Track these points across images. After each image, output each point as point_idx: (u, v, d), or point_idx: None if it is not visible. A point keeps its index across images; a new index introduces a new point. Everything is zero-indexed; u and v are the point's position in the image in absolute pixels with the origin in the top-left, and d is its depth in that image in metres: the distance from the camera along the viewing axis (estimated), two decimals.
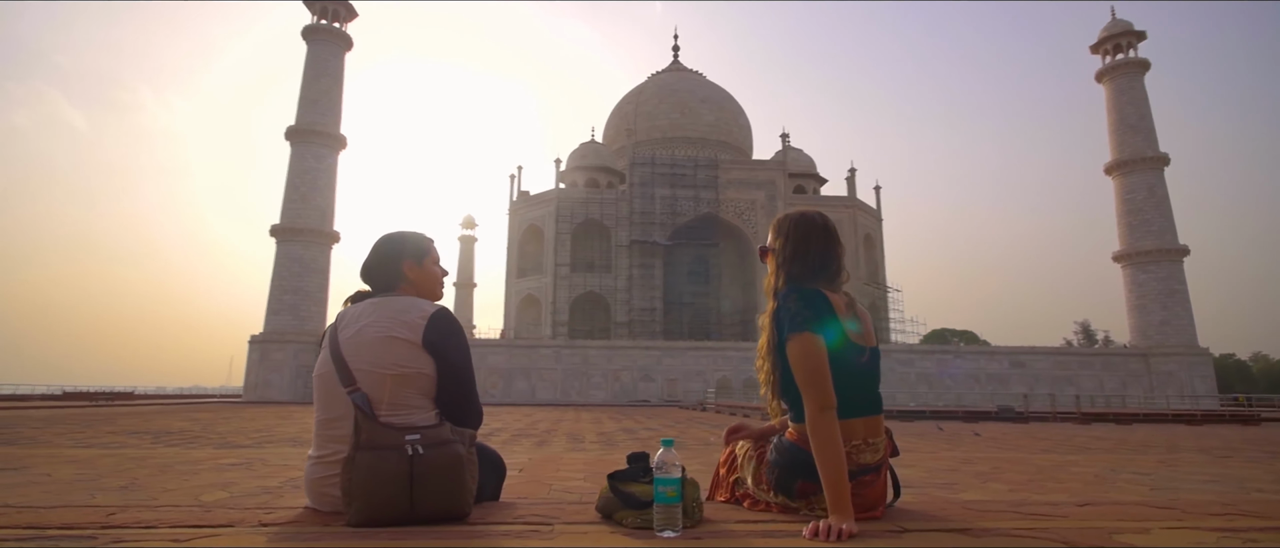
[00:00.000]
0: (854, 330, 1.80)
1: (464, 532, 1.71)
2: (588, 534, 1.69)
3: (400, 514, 1.71)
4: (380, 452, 1.74)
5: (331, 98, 35.59)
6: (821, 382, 1.69)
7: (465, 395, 1.96)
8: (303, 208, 33.69)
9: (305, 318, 32.90)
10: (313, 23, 36.07)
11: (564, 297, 43.28)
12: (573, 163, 48.97)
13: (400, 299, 1.96)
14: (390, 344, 1.84)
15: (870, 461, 1.78)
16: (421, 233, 2.11)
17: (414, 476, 1.72)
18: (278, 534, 1.73)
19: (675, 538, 1.59)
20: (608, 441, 9.23)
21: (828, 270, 1.87)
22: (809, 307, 1.75)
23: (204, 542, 1.61)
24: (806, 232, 1.90)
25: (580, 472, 5.22)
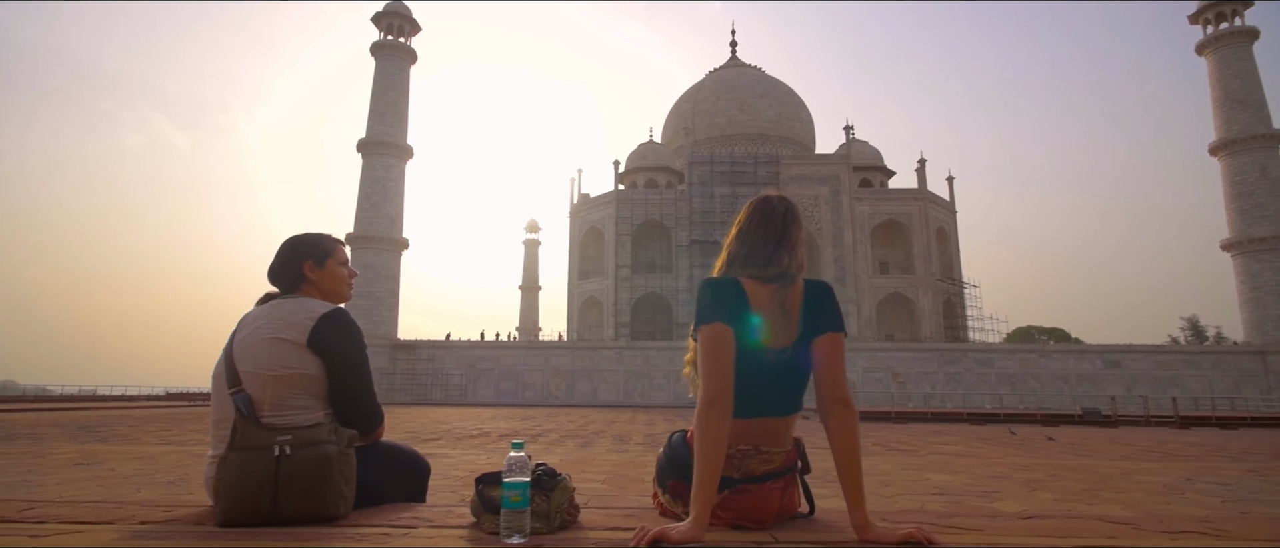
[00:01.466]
0: (766, 325, 1.62)
1: (313, 533, 1.68)
2: (435, 539, 1.63)
3: (263, 515, 1.72)
4: (249, 452, 1.77)
5: (398, 110, 37.11)
6: (713, 374, 1.57)
7: (353, 397, 1.94)
8: (374, 216, 35.29)
9: (378, 322, 34.41)
10: (380, 40, 37.75)
11: (625, 298, 43.44)
12: (631, 164, 49.12)
13: (295, 300, 1.98)
14: (275, 345, 1.86)
15: (757, 470, 1.62)
16: (327, 235, 2.13)
17: (279, 476, 1.73)
18: (141, 532, 1.73)
19: (522, 544, 1.53)
20: (653, 442, 9.10)
21: (756, 258, 1.70)
22: (717, 298, 1.63)
23: (61, 539, 1.64)
24: (753, 217, 1.76)
25: (605, 474, 5.10)
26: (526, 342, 40.15)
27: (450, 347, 35.86)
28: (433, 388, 34.69)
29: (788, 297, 1.65)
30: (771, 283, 1.65)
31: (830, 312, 1.64)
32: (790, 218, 1.74)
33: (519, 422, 15.28)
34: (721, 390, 1.56)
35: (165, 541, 1.67)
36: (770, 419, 1.65)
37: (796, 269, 1.70)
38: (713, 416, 1.55)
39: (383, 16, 37.74)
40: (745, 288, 1.64)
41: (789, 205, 1.77)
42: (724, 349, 1.57)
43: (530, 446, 8.38)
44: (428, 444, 8.67)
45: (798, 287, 1.67)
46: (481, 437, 10.22)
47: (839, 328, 1.64)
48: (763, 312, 1.63)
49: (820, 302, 1.65)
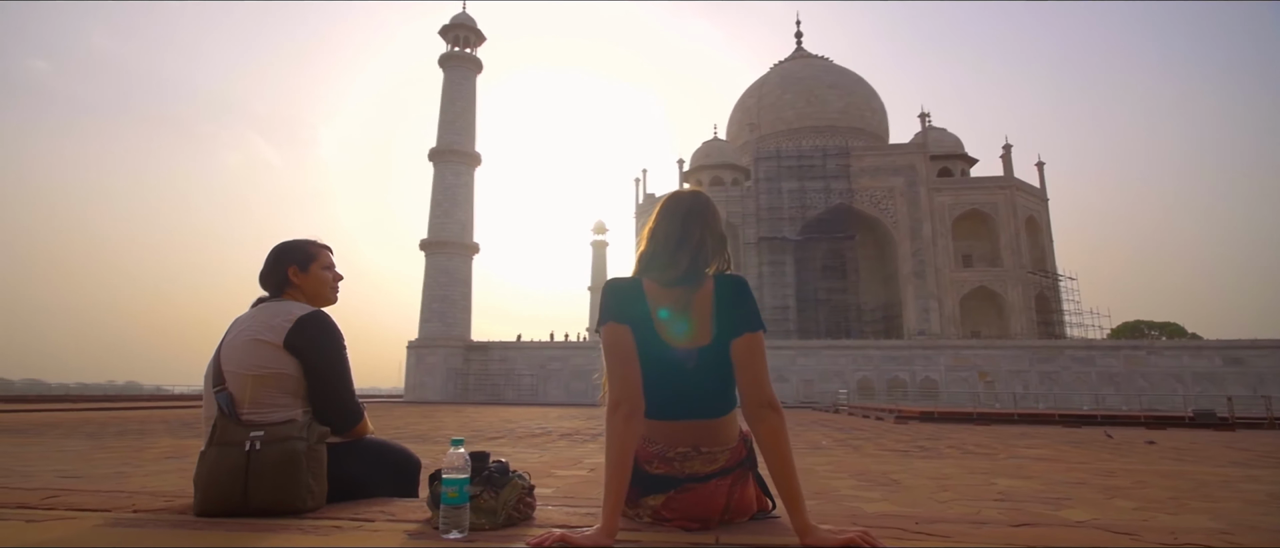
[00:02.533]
0: (669, 325, 1.57)
1: (272, 524, 1.76)
2: (382, 532, 1.67)
3: (234, 506, 1.82)
4: (225, 447, 1.87)
5: (466, 119, 38.33)
6: (614, 376, 1.55)
7: (329, 395, 2.02)
8: (445, 222, 36.57)
9: (453, 324, 35.64)
10: (448, 52, 39.11)
11: None
12: (696, 162, 48.74)
13: (278, 304, 2.07)
14: (254, 347, 1.96)
15: (700, 470, 1.59)
16: (313, 240, 2.21)
17: (249, 470, 1.82)
18: (122, 520, 1.84)
19: (460, 539, 1.56)
20: None
21: (658, 261, 1.65)
22: (615, 298, 1.61)
23: (51, 522, 1.80)
24: (657, 217, 1.71)
25: None
26: (593, 341, 40.51)
27: (521, 348, 36.69)
28: (505, 388, 35.60)
29: (695, 298, 1.58)
30: (675, 286, 1.60)
31: (745, 311, 1.56)
32: (693, 216, 1.67)
33: (583, 421, 15.37)
34: (624, 392, 1.53)
35: (141, 528, 1.76)
36: (704, 421, 1.60)
37: (700, 269, 1.63)
38: (615, 418, 1.53)
39: (450, 29, 39.10)
40: (646, 289, 1.60)
41: (693, 202, 1.70)
42: (622, 349, 1.55)
43: (582, 446, 8.37)
44: (490, 442, 8.80)
45: (706, 287, 1.60)
46: (542, 436, 10.30)
47: (756, 327, 1.56)
48: (670, 312, 1.58)
49: (734, 300, 1.58)
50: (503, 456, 3.28)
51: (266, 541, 1.65)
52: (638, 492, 1.64)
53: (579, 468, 5.90)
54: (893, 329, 41.90)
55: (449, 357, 35.02)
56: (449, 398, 34.30)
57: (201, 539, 1.67)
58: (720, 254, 1.69)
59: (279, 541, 1.64)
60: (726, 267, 1.69)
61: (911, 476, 4.29)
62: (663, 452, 1.63)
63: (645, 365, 1.57)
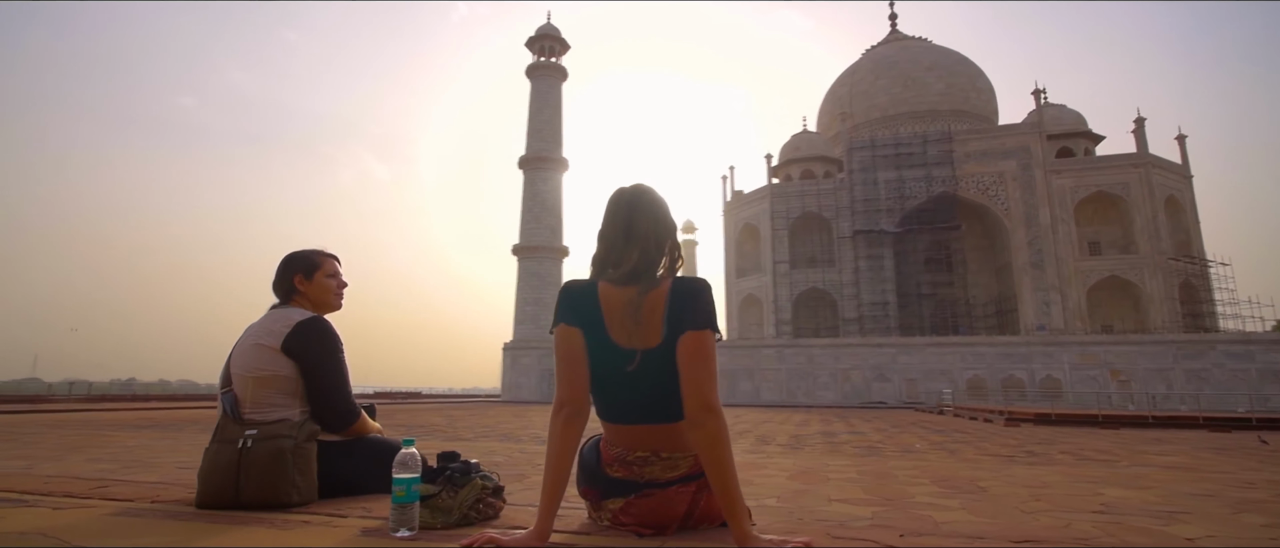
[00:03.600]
0: (620, 328, 1.53)
1: (251, 517, 1.85)
2: (339, 531, 1.69)
3: (227, 499, 1.94)
4: (222, 444, 2.01)
5: (553, 126, 39.38)
6: (560, 378, 1.54)
7: (324, 395, 2.12)
8: (536, 227, 37.73)
9: (545, 327, 36.55)
10: (534, 62, 40.36)
11: (785, 295, 41.95)
12: (785, 156, 47.43)
13: (282, 310, 2.20)
14: (256, 351, 2.08)
15: (660, 476, 1.55)
16: (319, 250, 2.32)
17: (241, 466, 1.94)
18: (132, 510, 2.00)
19: (409, 537, 1.59)
20: (797, 444, 8.43)
21: (611, 259, 1.62)
22: (566, 300, 1.58)
23: (79, 509, 2.01)
24: (605, 216, 1.68)
25: None
26: None
27: None
28: None
29: (647, 299, 1.53)
30: (628, 285, 1.55)
31: (696, 310, 1.51)
32: (638, 211, 1.62)
33: None
34: (567, 394, 1.52)
35: (140, 518, 1.91)
36: (661, 426, 1.56)
37: (651, 265, 1.58)
38: (557, 421, 1.52)
39: (536, 40, 40.33)
40: (600, 291, 1.56)
41: (635, 196, 1.65)
42: (569, 351, 1.52)
43: None
44: None
45: (662, 289, 1.54)
46: None
47: (703, 326, 1.50)
48: (615, 314, 1.53)
49: (686, 300, 1.52)
50: None
51: (231, 533, 1.71)
52: (599, 495, 1.63)
53: None
54: (1007, 324, 38.77)
55: (542, 358, 36.04)
56: (544, 398, 35.28)
57: (176, 530, 1.76)
58: (670, 245, 1.62)
59: (241, 534, 1.69)
60: (678, 258, 1.64)
61: (1004, 483, 3.81)
62: (622, 456, 1.59)
63: (597, 368, 1.55)
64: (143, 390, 44.69)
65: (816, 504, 3.04)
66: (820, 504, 3.04)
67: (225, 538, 1.65)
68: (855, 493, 3.47)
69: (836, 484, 3.85)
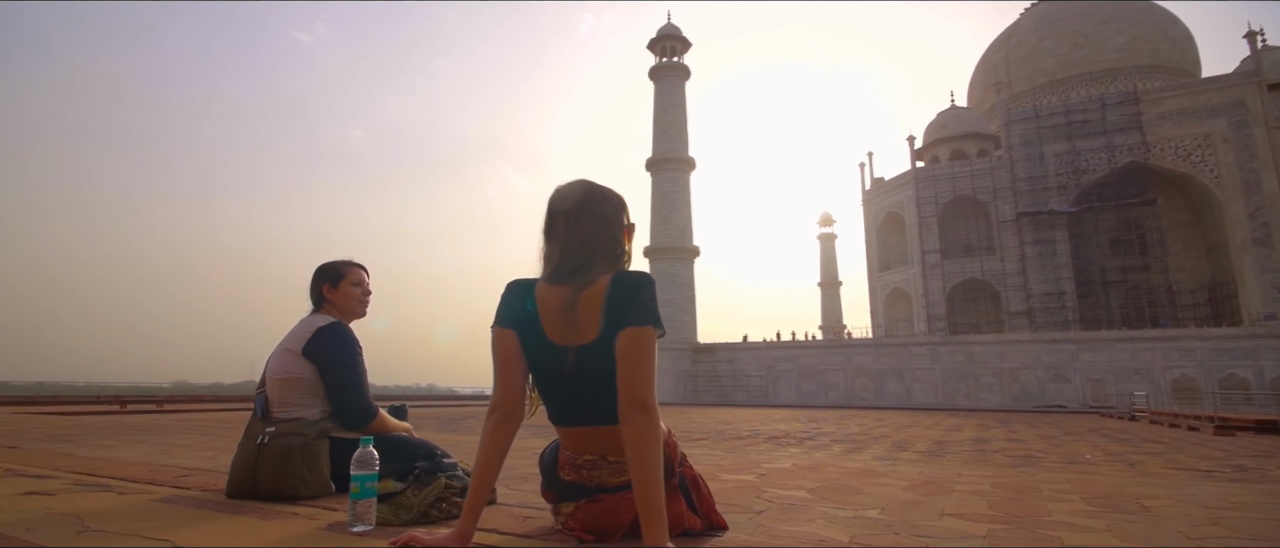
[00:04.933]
0: (555, 327, 1.48)
1: (251, 507, 2.03)
2: (307, 522, 1.78)
3: (246, 490, 2.15)
4: (247, 440, 2.22)
5: (678, 126, 39.22)
6: (495, 380, 1.51)
7: (340, 396, 2.26)
8: (665, 228, 37.73)
9: (678, 327, 36.51)
10: (656, 64, 40.48)
11: (937, 287, 38.50)
12: (931, 136, 43.63)
13: (311, 317, 2.37)
14: (283, 354, 2.27)
15: (609, 481, 1.53)
16: (347, 261, 2.47)
17: (258, 461, 2.13)
18: (174, 497, 2.22)
19: (366, 531, 1.63)
20: (937, 452, 7.42)
21: (550, 257, 1.57)
22: (504, 301, 1.55)
23: (135, 494, 2.26)
24: (547, 211, 1.62)
25: (818, 484, 4.25)
26: (826, 341, 38.40)
27: (748, 348, 36.20)
28: (734, 390, 35.41)
29: (584, 295, 1.47)
30: (564, 283, 1.51)
31: (635, 305, 1.44)
32: (576, 207, 1.57)
33: (803, 424, 14.37)
34: (500, 397, 1.50)
35: (172, 504, 2.11)
36: (604, 428, 1.50)
37: (589, 262, 1.51)
38: (488, 422, 1.51)
39: (657, 41, 40.49)
40: (537, 290, 1.53)
41: (574, 192, 1.59)
42: (501, 352, 1.50)
43: (779, 450, 7.61)
44: (692, 443, 8.45)
45: (599, 284, 1.48)
46: (748, 438, 9.69)
47: (643, 322, 1.42)
48: (550, 313, 1.49)
49: (625, 295, 1.45)
50: (697, 457, 3.40)
51: (221, 521, 1.86)
52: (556, 498, 1.62)
53: (748, 473, 5.26)
54: (1224, 313, 32.63)
55: (677, 359, 35.96)
56: (679, 400, 35.20)
57: (185, 516, 1.92)
58: (612, 242, 1.55)
59: (228, 522, 1.85)
60: (624, 255, 1.57)
61: (1177, 503, 3.23)
62: (572, 459, 1.57)
63: (537, 370, 1.52)
64: None
65: (923, 518, 2.69)
66: (928, 519, 2.69)
67: (214, 525, 1.80)
68: (977, 508, 3.06)
69: (960, 497, 3.44)
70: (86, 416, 11.27)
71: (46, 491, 2.28)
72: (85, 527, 1.71)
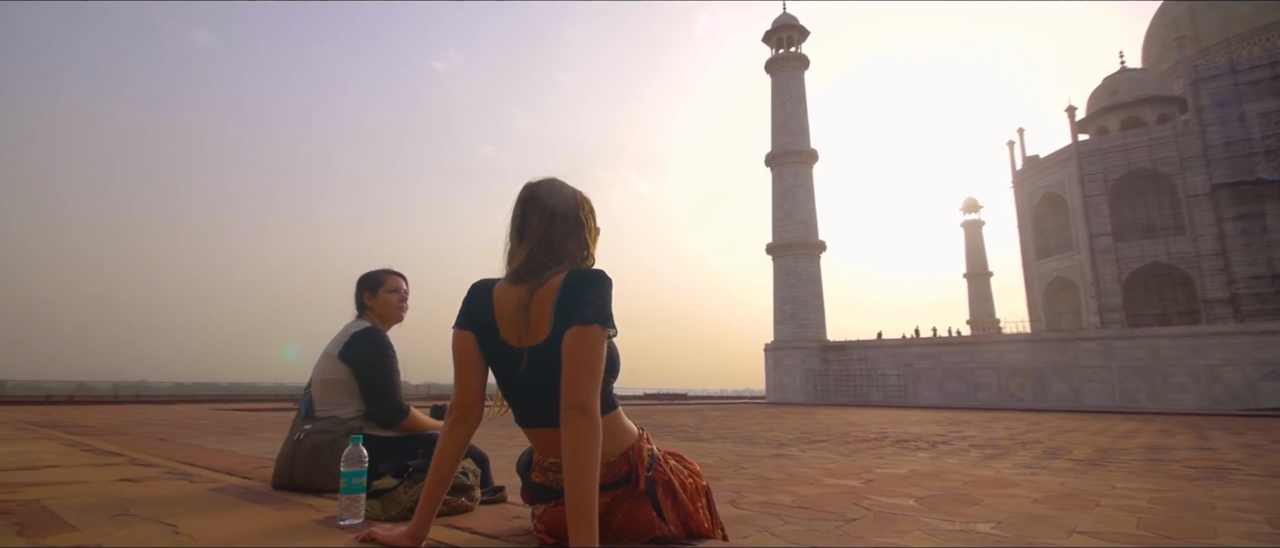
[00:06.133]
0: (510, 327, 1.46)
1: (276, 497, 2.20)
2: (311, 513, 1.86)
3: (284, 482, 2.36)
4: (289, 438, 2.42)
5: (798, 118, 37.70)
6: (455, 382, 1.52)
7: (373, 396, 2.39)
8: (788, 224, 36.40)
9: (805, 326, 35.07)
10: (773, 56, 39.22)
11: (1110, 274, 33.84)
12: (1096, 104, 38.51)
13: (351, 322, 2.52)
14: (325, 358, 2.43)
15: None
16: (385, 269, 2.63)
17: (294, 456, 2.33)
18: (228, 485, 2.39)
19: (349, 526, 1.67)
20: (1099, 461, 6.38)
21: (512, 258, 1.52)
22: (464, 303, 1.55)
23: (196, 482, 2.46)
24: (512, 211, 1.57)
25: (929, 493, 3.82)
26: (974, 336, 35.10)
27: (882, 346, 33.99)
28: (869, 389, 33.40)
29: (536, 296, 1.46)
30: (519, 284, 1.50)
31: (582, 304, 1.40)
32: (532, 204, 1.54)
33: (942, 426, 13.15)
34: (457, 399, 1.51)
35: (223, 494, 2.28)
36: None
37: (544, 261, 1.49)
38: (445, 423, 1.53)
39: (772, 33, 39.26)
40: (495, 291, 1.53)
41: (534, 189, 1.55)
42: (459, 354, 1.51)
43: (905, 455, 6.96)
44: (812, 445, 7.94)
45: (553, 283, 1.46)
46: (874, 441, 8.99)
47: (588, 321, 1.38)
48: (506, 314, 1.49)
49: (574, 294, 1.42)
50: (807, 459, 3.31)
51: (244, 509, 1.99)
52: (530, 500, 1.63)
53: (855, 478, 4.81)
54: None
55: (806, 358, 34.56)
56: (810, 400, 33.81)
57: (221, 503, 2.10)
58: (575, 243, 1.52)
59: (251, 510, 1.98)
60: (586, 257, 1.54)
61: None
62: (541, 461, 1.57)
63: (497, 372, 1.52)
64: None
65: (1046, 535, 2.41)
66: (1052, 536, 2.40)
67: (230, 513, 1.93)
68: (1122, 526, 2.68)
69: (1103, 513, 3.02)
70: (264, 413, 12.86)
71: (137, 478, 2.51)
72: (126, 511, 1.82)
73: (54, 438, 4.98)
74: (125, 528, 1.65)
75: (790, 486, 4.32)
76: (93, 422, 7.94)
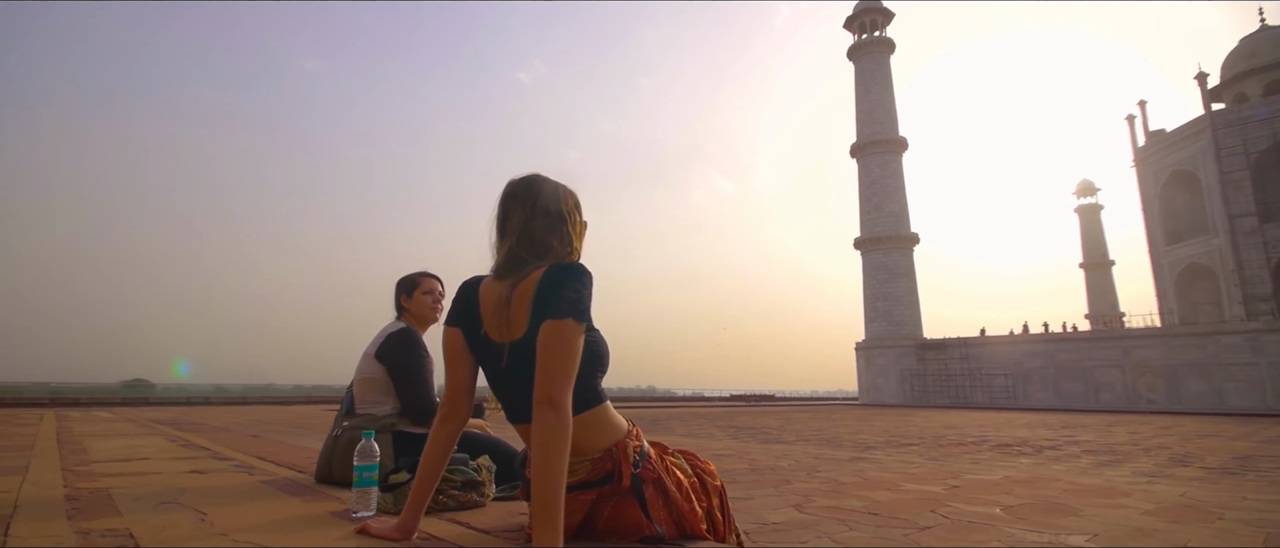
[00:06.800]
0: (491, 323, 1.47)
1: (310, 488, 2.33)
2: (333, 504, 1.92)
3: (324, 476, 2.48)
4: (330, 434, 2.52)
5: (884, 106, 35.93)
6: (445, 379, 1.56)
7: (407, 394, 2.47)
8: (877, 217, 34.73)
9: (899, 323, 33.32)
10: (855, 42, 37.59)
11: (1255, 259, 30.00)
12: (1233, 68, 34.36)
13: (388, 323, 2.61)
14: (364, 358, 2.52)
15: None
16: (421, 272, 2.72)
17: (333, 451, 2.44)
18: (275, 479, 2.52)
19: (361, 518, 1.69)
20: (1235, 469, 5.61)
21: (497, 254, 1.53)
22: (454, 301, 1.56)
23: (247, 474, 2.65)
24: (496, 208, 1.57)
25: (1022, 501, 3.50)
26: (1093, 331, 32.15)
27: (986, 343, 31.75)
28: (973, 390, 31.30)
29: (516, 291, 1.45)
30: (503, 279, 1.49)
31: (556, 297, 1.38)
32: (512, 200, 1.53)
33: (1053, 430, 12.12)
34: (446, 394, 1.54)
35: (270, 485, 2.39)
36: None
37: (524, 257, 1.48)
38: (435, 420, 1.54)
39: (854, 19, 37.67)
40: (481, 288, 1.53)
41: (514, 187, 1.54)
42: (447, 351, 1.54)
43: (1028, 456, 6.45)
44: (900, 448, 7.50)
45: (532, 278, 1.44)
46: (972, 445, 8.38)
47: (561, 315, 1.36)
48: (489, 310, 1.49)
49: (549, 288, 1.40)
50: (889, 463, 3.25)
51: (278, 500, 2.12)
52: (525, 495, 1.60)
53: (939, 484, 4.46)
54: None
55: (900, 357, 32.84)
56: (906, 401, 32.10)
57: (262, 494, 2.23)
58: (559, 239, 1.51)
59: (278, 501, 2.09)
60: (570, 252, 1.52)
61: None
62: (532, 457, 1.50)
63: (483, 368, 1.54)
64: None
65: None
66: None
67: (261, 503, 2.02)
68: (1245, 542, 2.43)
69: (1222, 527, 2.71)
70: None
71: (206, 471, 2.68)
72: (173, 501, 1.94)
73: (165, 435, 5.49)
74: (162, 515, 1.74)
75: (864, 490, 4.06)
76: (212, 421, 8.74)
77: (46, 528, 1.61)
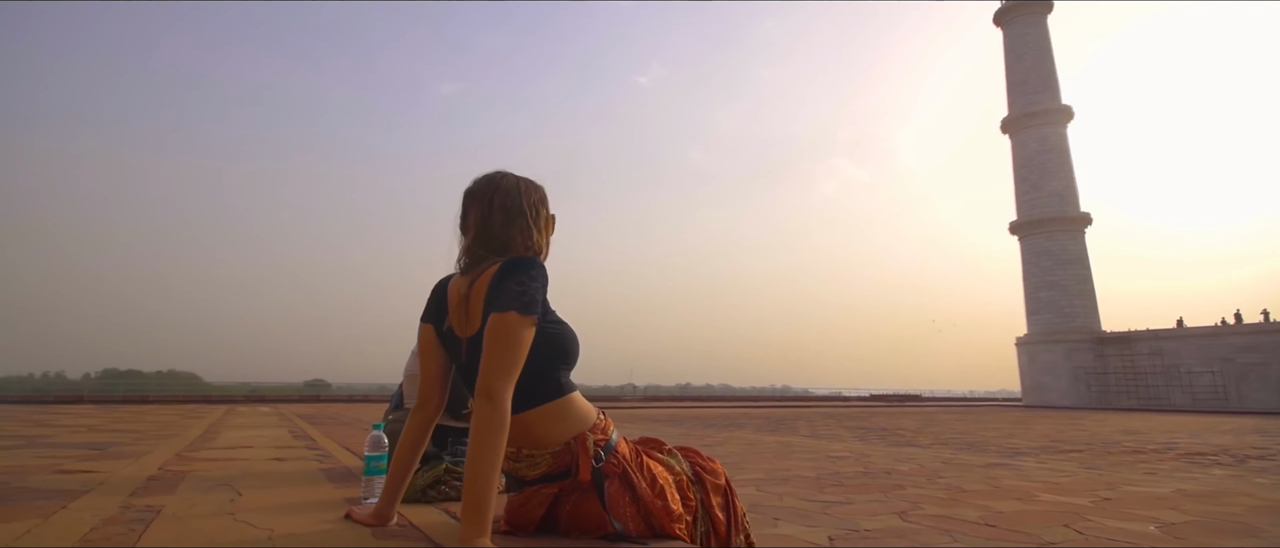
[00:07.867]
0: (455, 318, 1.50)
1: (354, 478, 2.44)
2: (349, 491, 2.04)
3: None
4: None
5: (1041, 72, 31.87)
6: (420, 372, 1.56)
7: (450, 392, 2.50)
8: (1035, 197, 30.88)
9: (1069, 315, 29.36)
10: (1002, 5, 33.76)
11: None
12: None
13: None
14: (411, 355, 2.55)
15: (527, 474, 1.46)
16: None
17: None
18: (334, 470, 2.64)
19: (373, 503, 1.70)
20: None
21: (462, 250, 1.55)
22: (429, 297, 1.59)
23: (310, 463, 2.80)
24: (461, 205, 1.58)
25: (1147, 516, 2.94)
26: None
27: (1185, 336, 27.20)
28: (1167, 390, 26.96)
29: (474, 287, 1.46)
30: (464, 275, 1.51)
31: (503, 290, 1.38)
32: (473, 198, 1.54)
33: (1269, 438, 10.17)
34: (420, 389, 1.55)
35: (318, 475, 2.47)
36: (515, 418, 1.40)
37: (483, 254, 1.49)
38: (410, 412, 1.56)
39: None
40: (449, 282, 1.56)
41: (473, 185, 1.55)
42: (421, 345, 1.55)
43: (1224, 467, 5.47)
44: (1058, 455, 6.55)
45: (488, 273, 1.45)
46: (1153, 453, 7.20)
47: (505, 307, 1.36)
48: (454, 306, 1.51)
49: (499, 282, 1.40)
50: (1031, 471, 3.46)
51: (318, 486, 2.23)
52: (506, 488, 1.61)
53: (1087, 496, 3.81)
54: None
55: (1072, 353, 29.00)
56: (1080, 402, 28.31)
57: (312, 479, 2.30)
58: (521, 234, 1.51)
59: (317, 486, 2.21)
60: (533, 248, 1.52)
61: None
62: (468, 449, 1.51)
63: (454, 361, 1.55)
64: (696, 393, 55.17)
65: None
66: None
67: (299, 488, 2.11)
68: None
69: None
70: None
71: (285, 458, 2.91)
72: (230, 483, 2.13)
73: (291, 427, 6.15)
74: (206, 494, 1.88)
75: (987, 500, 3.58)
76: (337, 414, 9.76)
77: (104, 502, 1.77)
